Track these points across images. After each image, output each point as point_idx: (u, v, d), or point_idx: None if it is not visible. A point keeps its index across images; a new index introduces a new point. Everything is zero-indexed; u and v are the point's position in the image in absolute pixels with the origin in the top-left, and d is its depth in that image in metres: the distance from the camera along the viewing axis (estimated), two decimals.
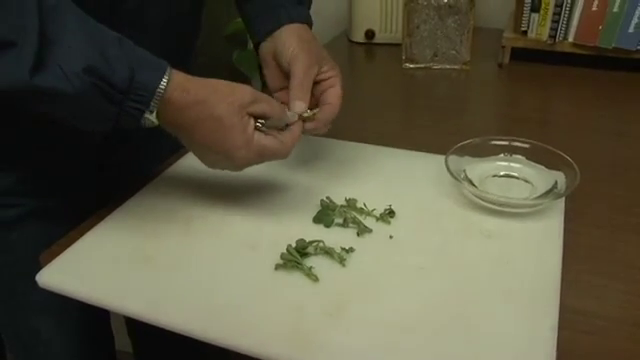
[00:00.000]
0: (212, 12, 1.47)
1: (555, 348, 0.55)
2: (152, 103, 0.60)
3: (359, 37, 1.44)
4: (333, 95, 0.77)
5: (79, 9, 0.58)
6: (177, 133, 0.66)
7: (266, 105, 0.68)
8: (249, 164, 0.68)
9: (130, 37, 0.61)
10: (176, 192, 0.79)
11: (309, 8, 0.85)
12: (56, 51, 0.55)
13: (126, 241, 0.71)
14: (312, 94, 0.76)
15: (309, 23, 0.83)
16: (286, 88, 0.77)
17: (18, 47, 0.53)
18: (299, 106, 0.73)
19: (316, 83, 0.77)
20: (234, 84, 0.66)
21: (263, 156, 0.68)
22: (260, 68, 1.75)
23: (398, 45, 1.29)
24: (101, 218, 0.75)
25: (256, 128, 0.67)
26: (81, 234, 0.72)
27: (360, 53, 1.44)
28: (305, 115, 0.73)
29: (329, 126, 0.77)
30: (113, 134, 0.63)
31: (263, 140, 0.67)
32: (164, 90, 0.60)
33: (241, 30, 1.81)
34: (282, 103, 0.74)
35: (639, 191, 0.81)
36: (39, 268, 0.68)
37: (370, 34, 1.42)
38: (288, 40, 0.77)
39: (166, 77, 0.60)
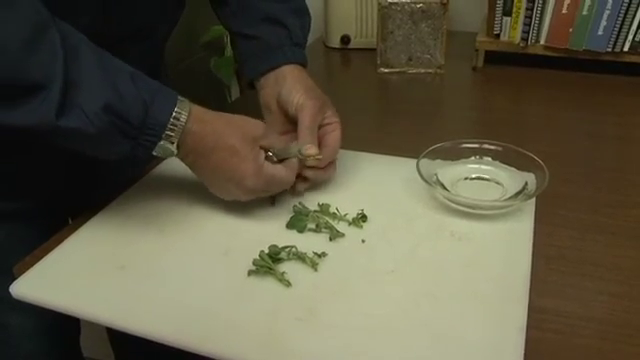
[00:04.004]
0: (189, 20, 1.47)
1: (523, 348, 0.56)
2: (174, 135, 0.64)
3: (335, 42, 1.45)
4: (333, 139, 0.81)
5: (93, 44, 0.62)
6: (193, 162, 0.70)
7: (274, 139, 0.75)
8: (255, 192, 0.72)
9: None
10: (149, 201, 0.80)
11: (304, 48, 0.89)
12: (78, 93, 0.58)
13: (99, 251, 0.71)
14: None
15: (305, 64, 0.87)
16: (288, 132, 0.82)
17: (47, 90, 0.56)
18: (311, 149, 0.76)
19: (319, 127, 0.80)
20: (246, 117, 0.72)
21: (270, 185, 0.72)
22: (238, 77, 1.75)
23: (373, 50, 1.30)
24: (74, 229, 0.75)
25: (266, 158, 0.72)
26: (55, 245, 0.72)
27: (336, 58, 1.45)
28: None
29: (332, 171, 0.82)
30: None
31: (272, 169, 0.72)
32: (185, 123, 0.64)
33: (218, 37, 1.82)
34: None
35: (608, 191, 0.83)
36: (9, 266, 0.69)
37: (346, 39, 1.43)
38: (294, 88, 0.81)
39: (177, 109, 0.64)
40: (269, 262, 0.66)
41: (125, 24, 0.76)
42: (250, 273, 0.66)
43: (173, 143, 0.64)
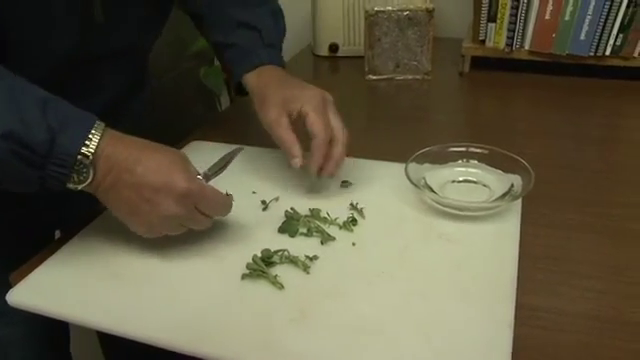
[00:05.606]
0: (178, 30, 1.49)
1: (511, 345, 0.57)
2: (87, 161, 0.60)
3: (323, 51, 1.46)
4: (311, 125, 0.77)
5: (6, 70, 0.59)
6: (114, 184, 0.63)
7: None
8: (188, 198, 0.64)
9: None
10: None
11: (280, 50, 0.91)
12: None
13: (93, 260, 0.72)
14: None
15: (281, 65, 0.89)
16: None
17: None
18: (295, 162, 0.77)
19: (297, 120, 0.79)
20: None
21: (204, 193, 0.66)
22: (227, 86, 1.75)
23: (361, 57, 1.32)
24: (68, 238, 0.76)
25: None
26: (50, 254, 0.73)
27: (324, 66, 1.47)
28: None
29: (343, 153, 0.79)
30: None
31: (205, 184, 0.68)
32: (97, 143, 0.60)
33: (207, 47, 1.83)
34: None
35: (592, 191, 0.85)
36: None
37: (334, 48, 1.45)
38: (255, 100, 0.85)
39: (92, 135, 0.60)
40: (262, 266, 0.68)
41: (105, 45, 0.76)
42: (244, 277, 0.67)
43: (87, 168, 0.61)
